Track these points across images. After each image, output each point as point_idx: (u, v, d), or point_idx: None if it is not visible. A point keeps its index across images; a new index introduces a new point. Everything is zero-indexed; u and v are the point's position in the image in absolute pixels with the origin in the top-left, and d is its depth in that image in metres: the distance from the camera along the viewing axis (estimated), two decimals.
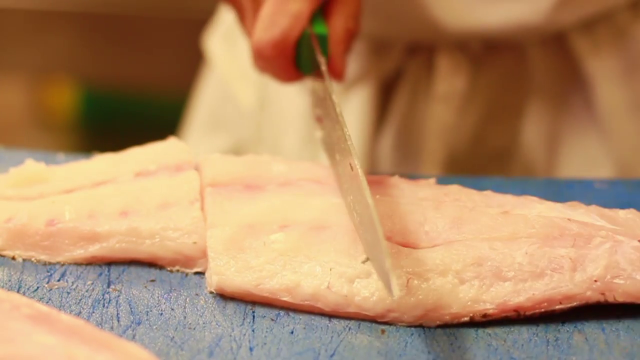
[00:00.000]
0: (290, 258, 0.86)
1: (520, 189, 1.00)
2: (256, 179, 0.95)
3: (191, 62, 2.65)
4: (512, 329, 0.84)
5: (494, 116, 1.23)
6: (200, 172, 0.96)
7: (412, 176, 0.98)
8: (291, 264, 0.86)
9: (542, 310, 0.85)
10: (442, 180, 0.97)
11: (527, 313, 0.85)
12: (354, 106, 1.23)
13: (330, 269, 0.85)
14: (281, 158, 0.99)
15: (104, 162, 0.98)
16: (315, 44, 1.00)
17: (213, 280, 0.85)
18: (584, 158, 1.22)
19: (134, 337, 0.81)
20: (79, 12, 2.62)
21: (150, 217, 0.90)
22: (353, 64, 1.22)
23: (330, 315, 0.84)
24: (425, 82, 1.22)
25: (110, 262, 0.90)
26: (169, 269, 0.90)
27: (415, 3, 1.17)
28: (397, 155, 1.25)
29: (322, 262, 0.86)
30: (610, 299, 0.85)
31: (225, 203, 0.91)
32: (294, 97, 1.28)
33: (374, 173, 1.17)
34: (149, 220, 0.90)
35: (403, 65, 1.23)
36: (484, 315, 0.84)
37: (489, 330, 0.83)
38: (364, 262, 0.85)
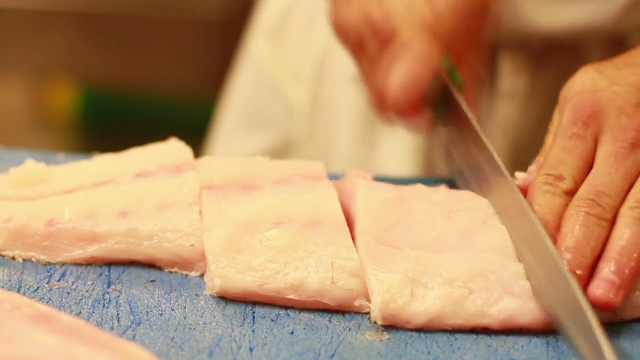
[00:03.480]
0: (290, 254, 0.86)
1: None
2: (252, 180, 0.95)
3: (191, 63, 2.66)
4: (512, 330, 0.84)
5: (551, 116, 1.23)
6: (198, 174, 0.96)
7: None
8: (293, 261, 0.86)
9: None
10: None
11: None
12: None
13: (332, 263, 0.85)
14: (274, 160, 0.99)
15: (104, 163, 0.98)
16: (451, 87, 0.97)
17: (215, 283, 0.85)
18: None
19: (134, 337, 0.81)
20: (79, 12, 2.62)
21: (149, 218, 0.90)
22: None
23: (331, 315, 0.84)
24: (483, 78, 1.22)
25: (110, 263, 0.90)
26: (168, 269, 0.90)
27: None
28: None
29: (322, 256, 0.86)
30: (618, 318, 0.85)
31: (222, 204, 0.91)
32: (349, 96, 1.27)
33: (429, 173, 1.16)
34: (147, 221, 0.90)
35: None
36: (486, 329, 0.84)
37: (489, 332, 0.83)
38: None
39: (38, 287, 0.86)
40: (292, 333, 0.82)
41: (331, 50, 1.28)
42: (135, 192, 0.93)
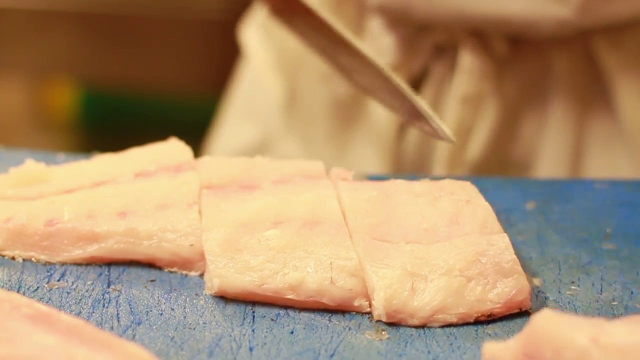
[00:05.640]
0: (289, 254, 0.86)
1: (520, 189, 1.00)
2: (251, 179, 0.95)
3: (191, 62, 2.65)
4: (512, 329, 0.84)
5: (514, 122, 1.23)
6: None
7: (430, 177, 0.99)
8: (292, 261, 0.86)
9: None
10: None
11: None
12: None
13: (331, 263, 0.85)
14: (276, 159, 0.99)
15: (103, 163, 0.98)
16: None
17: (214, 283, 0.85)
18: (608, 169, 1.21)
19: (134, 337, 0.81)
20: (79, 12, 2.62)
21: (149, 218, 0.90)
22: (382, 59, 1.22)
23: (331, 315, 0.84)
24: (449, 83, 1.22)
25: (110, 263, 0.90)
26: (168, 269, 0.90)
27: None
28: (419, 155, 1.25)
29: (321, 256, 0.86)
30: None
31: (221, 204, 0.91)
32: (322, 90, 1.28)
33: (397, 172, 1.17)
34: (147, 221, 0.90)
35: (429, 65, 1.23)
36: (490, 315, 0.84)
37: (489, 331, 0.83)
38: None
39: (38, 287, 0.86)
40: (292, 333, 0.82)
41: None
42: (134, 192, 0.93)
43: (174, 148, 0.99)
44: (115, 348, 0.73)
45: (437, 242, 0.88)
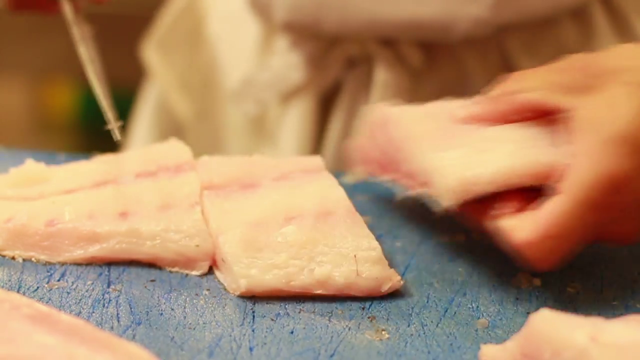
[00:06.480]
0: (311, 250, 0.87)
1: None
2: (251, 178, 0.95)
3: None
4: (513, 330, 0.84)
5: None
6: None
7: None
8: (316, 257, 0.86)
9: None
10: None
11: None
12: (293, 119, 1.21)
13: (355, 256, 0.86)
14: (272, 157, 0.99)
15: (104, 163, 0.98)
16: None
17: (241, 283, 0.85)
18: None
19: (134, 337, 0.81)
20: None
21: (151, 218, 0.90)
22: (292, 76, 1.20)
23: (331, 315, 0.85)
24: (364, 96, 1.19)
25: (110, 262, 0.90)
26: (168, 269, 0.90)
27: None
28: (335, 169, 1.24)
29: (344, 249, 0.87)
30: None
31: (224, 205, 0.92)
32: (232, 110, 1.26)
33: None
34: (149, 222, 0.90)
35: (342, 79, 1.20)
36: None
37: (489, 331, 0.84)
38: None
39: (38, 287, 0.87)
40: (292, 332, 0.82)
41: (218, 62, 1.27)
42: (135, 192, 0.93)
43: (174, 148, 0.99)
44: (115, 348, 0.73)
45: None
